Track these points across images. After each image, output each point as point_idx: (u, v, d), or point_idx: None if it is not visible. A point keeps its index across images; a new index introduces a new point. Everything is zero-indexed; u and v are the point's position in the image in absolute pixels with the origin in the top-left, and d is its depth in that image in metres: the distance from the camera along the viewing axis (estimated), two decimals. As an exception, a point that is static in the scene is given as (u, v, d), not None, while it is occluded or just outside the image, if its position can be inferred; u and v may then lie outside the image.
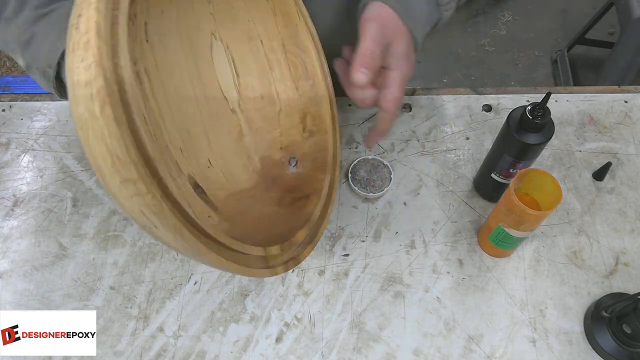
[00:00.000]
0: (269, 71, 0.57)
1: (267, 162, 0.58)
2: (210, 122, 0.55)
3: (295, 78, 0.57)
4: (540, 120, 0.49)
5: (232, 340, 0.54)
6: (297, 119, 0.57)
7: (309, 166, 0.55)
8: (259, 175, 0.57)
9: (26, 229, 0.61)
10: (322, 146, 0.55)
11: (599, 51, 1.91)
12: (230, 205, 0.52)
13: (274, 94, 0.58)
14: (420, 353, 0.53)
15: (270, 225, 0.51)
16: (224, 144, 0.56)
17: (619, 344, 0.51)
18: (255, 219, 0.51)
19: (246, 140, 0.58)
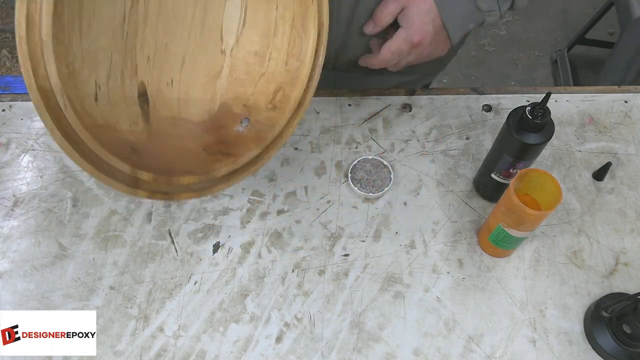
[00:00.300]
0: (272, 35, 0.59)
1: (225, 110, 0.60)
2: (194, 50, 0.58)
3: (289, 53, 0.58)
4: (540, 120, 0.49)
5: (232, 340, 0.54)
6: (271, 89, 0.59)
7: (253, 133, 0.57)
8: (210, 117, 0.60)
9: (26, 229, 0.61)
10: (273, 123, 0.56)
11: (599, 51, 1.91)
12: (165, 125, 0.55)
13: (266, 57, 0.60)
14: (420, 353, 0.53)
15: (180, 158, 0.54)
16: (196, 75, 0.59)
17: (619, 344, 0.51)
18: (174, 147, 0.55)
19: (219, 83, 0.60)
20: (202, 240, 0.61)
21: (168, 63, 0.56)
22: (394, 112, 0.71)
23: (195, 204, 0.63)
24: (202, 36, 0.58)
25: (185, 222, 0.62)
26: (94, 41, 0.47)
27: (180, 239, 0.61)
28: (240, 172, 0.55)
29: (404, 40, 0.57)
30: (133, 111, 0.52)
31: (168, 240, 0.60)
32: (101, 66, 0.49)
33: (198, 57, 0.59)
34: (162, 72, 0.56)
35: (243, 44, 0.60)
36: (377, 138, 0.68)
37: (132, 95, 0.53)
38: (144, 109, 0.54)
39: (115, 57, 0.50)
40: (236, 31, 0.60)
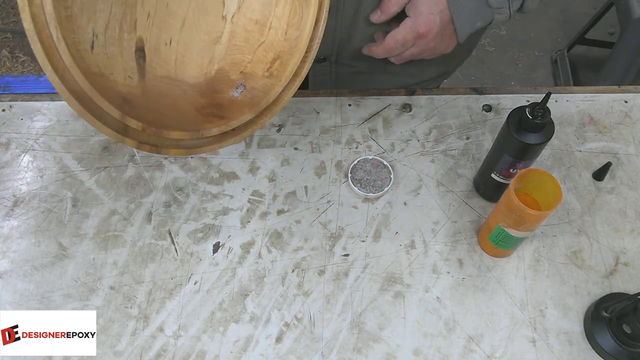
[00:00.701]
0: (274, 4, 0.59)
1: (222, 75, 0.60)
2: (195, 13, 0.58)
3: (289, 23, 0.58)
4: (540, 120, 0.49)
5: (232, 340, 0.54)
6: (270, 57, 0.59)
7: (247, 99, 0.58)
8: (206, 80, 0.60)
9: (26, 229, 0.61)
10: (268, 90, 0.57)
11: (599, 51, 1.91)
12: (159, 84, 0.56)
13: (266, 26, 0.60)
14: (420, 353, 0.53)
15: (172, 115, 0.54)
16: (195, 37, 0.59)
17: (619, 344, 0.51)
18: (167, 105, 0.55)
19: (218, 48, 0.61)
20: (202, 240, 0.61)
21: (168, 22, 0.56)
22: (394, 112, 0.71)
23: (195, 204, 0.63)
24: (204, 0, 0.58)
25: (185, 222, 0.62)
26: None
27: (180, 239, 0.61)
28: (232, 134, 0.56)
29: (410, 30, 0.57)
30: (129, 65, 0.53)
31: (168, 240, 0.60)
32: (100, 16, 0.49)
33: (199, 20, 0.59)
34: (161, 31, 0.56)
35: (244, 12, 0.60)
36: (377, 138, 0.68)
37: (129, 50, 0.53)
38: (140, 65, 0.54)
39: (115, 9, 0.50)
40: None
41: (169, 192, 0.64)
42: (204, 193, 0.64)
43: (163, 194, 0.64)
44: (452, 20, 0.58)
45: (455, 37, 0.61)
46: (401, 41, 0.58)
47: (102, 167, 0.66)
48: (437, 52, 0.63)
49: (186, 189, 0.64)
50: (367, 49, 0.64)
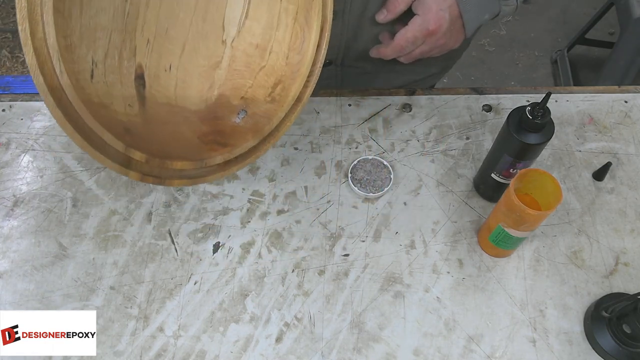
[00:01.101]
0: (274, 28, 0.59)
1: (223, 101, 0.60)
2: (195, 38, 0.58)
3: (291, 47, 0.58)
4: (540, 120, 0.49)
5: (232, 340, 0.54)
6: (271, 82, 0.58)
7: (250, 125, 0.57)
8: (207, 106, 0.59)
9: (26, 229, 0.61)
10: (270, 115, 0.56)
11: (599, 51, 1.91)
12: (160, 111, 0.55)
13: (267, 50, 0.59)
14: (420, 353, 0.53)
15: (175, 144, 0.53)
16: (195, 62, 0.59)
17: (619, 344, 0.51)
18: (169, 133, 0.54)
19: (218, 73, 0.60)
20: (202, 240, 0.61)
21: (168, 48, 0.56)
22: (394, 112, 0.71)
23: (195, 204, 0.63)
24: (204, 24, 0.58)
25: (185, 222, 0.62)
26: (93, 17, 0.46)
27: (180, 239, 0.61)
28: (236, 162, 0.55)
29: (420, 28, 0.56)
30: (129, 93, 0.52)
31: (168, 240, 0.60)
32: (99, 44, 0.48)
33: (198, 46, 0.58)
34: (160, 57, 0.55)
35: (244, 36, 0.60)
36: (377, 138, 0.68)
37: (129, 77, 0.52)
38: (140, 92, 0.53)
39: (115, 37, 0.50)
40: (238, 22, 0.59)
41: (169, 192, 0.64)
42: (204, 193, 0.64)
43: (163, 194, 0.64)
44: (460, 15, 0.58)
45: (463, 31, 0.60)
46: (411, 40, 0.58)
47: (102, 167, 0.66)
48: (446, 49, 0.62)
49: (186, 189, 0.64)
50: (375, 51, 0.64)
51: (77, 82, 0.43)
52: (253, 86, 0.59)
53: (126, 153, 0.46)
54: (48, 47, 0.39)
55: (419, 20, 0.56)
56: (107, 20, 0.48)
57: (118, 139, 0.44)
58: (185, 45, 0.57)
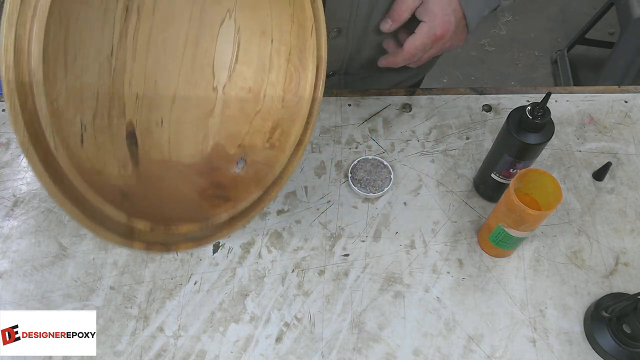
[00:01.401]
0: (267, 71, 0.57)
1: (219, 151, 0.57)
2: (184, 88, 0.55)
3: (286, 89, 0.56)
4: (540, 120, 0.49)
5: (232, 340, 0.54)
6: (268, 126, 0.56)
7: (251, 175, 0.54)
8: (203, 159, 0.56)
9: (26, 229, 0.61)
10: (272, 163, 0.54)
11: (599, 51, 1.91)
12: (155, 169, 0.52)
13: (261, 94, 0.57)
14: (420, 353, 0.53)
15: (174, 204, 0.50)
16: (187, 113, 0.56)
17: (619, 344, 0.51)
18: (167, 192, 0.51)
19: (212, 121, 0.57)
20: (202, 240, 0.61)
21: (157, 101, 0.53)
22: (394, 112, 0.71)
23: (195, 204, 0.63)
24: (193, 72, 0.55)
25: (185, 222, 0.62)
26: (79, 77, 0.43)
27: (180, 239, 0.61)
28: (242, 217, 0.51)
29: (428, 34, 0.56)
30: (121, 154, 0.48)
31: (168, 240, 0.61)
32: (87, 104, 0.45)
33: (189, 95, 0.56)
34: (151, 111, 0.52)
35: (236, 81, 0.57)
36: (377, 138, 0.68)
37: (120, 137, 0.49)
38: (133, 152, 0.50)
39: (102, 95, 0.47)
40: (229, 67, 0.57)
41: (169, 192, 0.64)
42: (204, 193, 0.64)
43: (163, 194, 0.64)
44: (464, 16, 0.58)
45: (466, 30, 0.60)
46: (420, 47, 0.57)
47: (102, 167, 0.66)
48: (452, 48, 0.62)
49: (186, 189, 0.64)
50: (384, 61, 0.63)
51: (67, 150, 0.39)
52: (250, 132, 0.57)
53: (129, 223, 0.42)
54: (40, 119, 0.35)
55: (425, 28, 0.56)
56: (94, 78, 0.45)
57: (119, 209, 0.41)
58: (175, 96, 0.54)
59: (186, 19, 0.53)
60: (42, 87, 0.35)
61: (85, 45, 0.43)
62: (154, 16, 0.49)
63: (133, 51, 0.49)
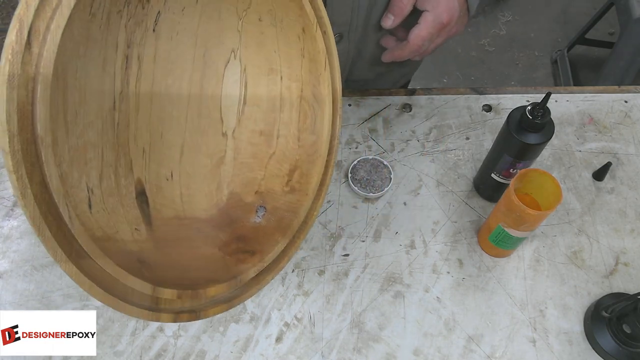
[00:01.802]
0: (278, 110, 0.54)
1: (235, 200, 0.53)
2: (192, 136, 0.52)
3: (301, 128, 0.53)
4: (540, 120, 0.49)
5: (232, 340, 0.54)
6: (285, 169, 0.53)
7: (273, 223, 0.51)
8: (219, 211, 0.52)
9: (26, 229, 0.61)
10: (296, 208, 0.50)
11: (599, 51, 1.91)
12: (170, 228, 0.48)
13: (274, 136, 0.54)
14: (420, 353, 0.53)
15: (197, 264, 0.46)
16: (197, 164, 0.52)
17: (619, 344, 0.51)
18: (187, 252, 0.47)
19: (224, 170, 0.54)
20: (202, 240, 0.61)
21: (165, 154, 0.49)
22: (394, 112, 0.71)
23: (195, 204, 0.63)
24: (200, 119, 0.52)
25: (185, 222, 0.62)
26: (81, 136, 0.39)
27: (180, 239, 0.61)
28: (270, 270, 0.48)
29: (434, 23, 0.54)
30: (132, 215, 0.44)
31: (168, 240, 0.60)
32: (92, 165, 0.41)
33: (198, 144, 0.52)
34: (159, 166, 0.49)
35: (246, 124, 0.54)
36: (377, 138, 0.68)
37: (130, 197, 0.45)
38: (144, 211, 0.46)
39: (107, 153, 0.43)
40: (237, 110, 0.54)
41: (169, 192, 0.64)
42: (204, 193, 0.64)
43: (163, 194, 0.64)
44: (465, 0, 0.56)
45: (468, 13, 0.59)
46: (427, 37, 0.55)
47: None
48: (456, 35, 0.60)
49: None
50: (389, 55, 0.60)
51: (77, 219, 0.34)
52: (266, 177, 0.53)
53: (154, 295, 0.38)
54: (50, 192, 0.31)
55: (430, 17, 0.54)
56: (96, 135, 0.41)
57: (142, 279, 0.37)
58: (183, 147, 0.51)
59: (189, 63, 0.50)
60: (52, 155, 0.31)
61: (86, 101, 0.39)
62: (156, 63, 0.47)
63: (136, 102, 0.46)
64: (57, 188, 0.31)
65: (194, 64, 0.51)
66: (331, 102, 0.51)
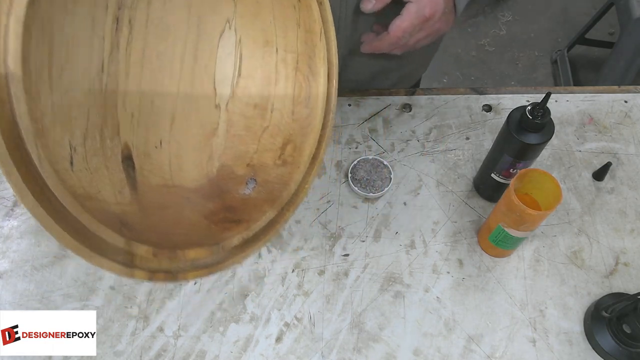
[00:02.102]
0: (273, 83, 0.53)
1: (226, 172, 0.53)
2: (184, 106, 0.51)
3: (296, 101, 0.52)
4: (540, 120, 0.49)
5: (232, 340, 0.54)
6: (279, 143, 0.52)
7: (263, 195, 0.50)
8: (209, 181, 0.52)
9: (26, 229, 0.61)
10: (287, 180, 0.50)
11: (599, 51, 1.91)
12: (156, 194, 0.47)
13: (268, 109, 0.53)
14: (420, 353, 0.53)
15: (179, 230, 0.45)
16: (188, 133, 0.51)
17: (619, 344, 0.51)
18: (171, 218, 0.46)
19: (216, 141, 0.53)
20: (202, 240, 0.60)
21: (155, 121, 0.49)
22: (394, 112, 0.71)
23: (195, 204, 0.63)
24: (192, 89, 0.51)
25: (185, 222, 0.62)
26: (66, 94, 0.39)
27: (180, 239, 0.61)
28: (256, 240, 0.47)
29: (416, 15, 0.52)
30: (117, 178, 0.44)
31: (168, 240, 0.60)
32: (76, 124, 0.40)
33: (189, 114, 0.51)
34: (148, 132, 0.48)
35: (239, 96, 0.53)
36: (377, 138, 0.68)
37: (115, 160, 0.44)
38: (130, 175, 0.45)
39: (93, 114, 0.42)
40: (231, 82, 0.53)
41: (169, 192, 0.64)
42: (204, 193, 0.64)
43: (163, 194, 0.64)
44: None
45: (454, 12, 0.56)
46: (408, 29, 0.52)
47: (102, 167, 0.66)
48: (440, 33, 0.58)
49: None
50: (368, 46, 0.58)
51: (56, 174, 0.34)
52: (258, 151, 0.52)
53: (128, 248, 0.37)
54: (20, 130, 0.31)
55: (413, 8, 0.52)
56: (82, 95, 0.41)
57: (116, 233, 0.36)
58: (174, 116, 0.50)
59: (182, 32, 0.49)
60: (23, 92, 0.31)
61: (73, 60, 0.39)
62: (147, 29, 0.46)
63: (126, 67, 0.45)
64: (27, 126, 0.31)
65: (188, 32, 0.50)
66: (326, 74, 0.50)
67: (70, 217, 0.34)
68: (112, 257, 0.36)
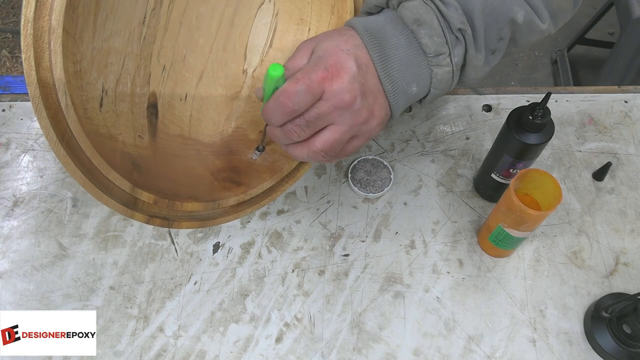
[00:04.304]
0: None
1: (239, 134, 0.56)
2: (214, 66, 0.54)
3: None
4: (540, 120, 0.49)
5: (232, 340, 0.54)
6: None
7: (267, 164, 0.54)
8: (222, 140, 0.55)
9: (26, 229, 0.61)
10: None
11: (599, 51, 1.91)
12: (172, 143, 0.51)
13: None
14: (420, 353, 0.53)
15: (186, 180, 0.49)
16: (212, 92, 0.55)
17: (619, 344, 0.51)
18: (180, 168, 0.50)
19: (236, 104, 0.56)
20: (202, 240, 0.61)
21: (184, 76, 0.52)
22: (394, 112, 0.71)
23: (195, 204, 0.63)
24: (224, 52, 0.54)
25: (185, 222, 0.62)
26: (107, 40, 0.43)
27: (180, 239, 0.61)
28: (250, 204, 0.50)
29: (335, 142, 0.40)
30: (139, 123, 0.48)
31: (168, 241, 0.61)
32: (111, 69, 0.44)
33: (217, 74, 0.54)
34: (176, 85, 0.52)
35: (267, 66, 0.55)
36: (377, 138, 0.68)
37: (141, 106, 0.48)
38: (152, 123, 0.49)
39: (128, 62, 0.46)
40: (261, 51, 0.56)
41: (169, 192, 0.64)
42: (204, 193, 0.64)
43: (163, 194, 0.64)
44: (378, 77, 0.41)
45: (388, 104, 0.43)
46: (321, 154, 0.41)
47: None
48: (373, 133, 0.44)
49: (186, 189, 0.64)
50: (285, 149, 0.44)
51: (84, 112, 0.39)
52: None
53: (132, 194, 0.41)
54: (54, 78, 0.35)
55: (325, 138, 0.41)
56: (122, 43, 0.45)
57: (125, 177, 0.40)
58: (203, 74, 0.53)
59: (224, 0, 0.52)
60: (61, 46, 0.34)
61: (118, 10, 0.43)
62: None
63: (165, 23, 0.48)
64: (60, 77, 0.35)
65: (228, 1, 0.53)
66: None
67: (85, 160, 0.38)
68: (117, 198, 0.40)
